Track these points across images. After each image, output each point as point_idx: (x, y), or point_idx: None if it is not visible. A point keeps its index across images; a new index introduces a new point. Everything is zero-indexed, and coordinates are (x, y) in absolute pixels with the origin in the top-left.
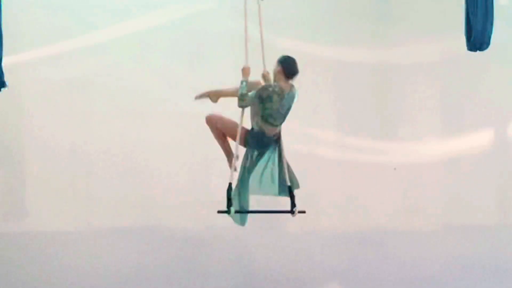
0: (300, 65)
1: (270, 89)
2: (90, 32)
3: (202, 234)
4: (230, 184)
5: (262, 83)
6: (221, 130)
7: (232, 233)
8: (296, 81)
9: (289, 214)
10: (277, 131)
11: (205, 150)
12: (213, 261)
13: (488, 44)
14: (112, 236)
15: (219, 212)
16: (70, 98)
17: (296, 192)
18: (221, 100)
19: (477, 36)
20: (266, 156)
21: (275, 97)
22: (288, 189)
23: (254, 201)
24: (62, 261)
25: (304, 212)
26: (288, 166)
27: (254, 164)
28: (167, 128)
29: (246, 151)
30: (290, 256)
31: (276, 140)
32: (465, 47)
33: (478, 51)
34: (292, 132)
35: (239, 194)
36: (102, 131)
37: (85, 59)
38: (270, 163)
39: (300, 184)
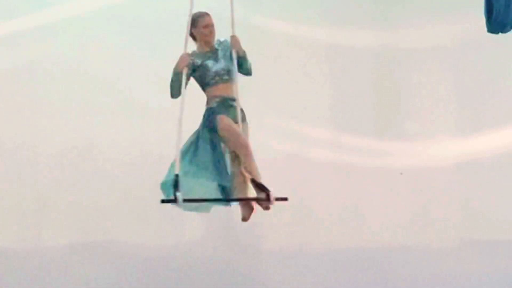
0: (288, 50)
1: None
2: (38, 10)
3: (168, 251)
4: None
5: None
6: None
7: (204, 249)
8: (283, 69)
9: (274, 226)
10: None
11: (174, 151)
12: (181, 282)
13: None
14: (65, 253)
15: (163, 201)
16: (14, 89)
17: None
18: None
19: (499, 15)
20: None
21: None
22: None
23: None
24: (6, 282)
25: (286, 199)
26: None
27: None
28: (128, 125)
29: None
30: (276, 278)
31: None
32: (485, 29)
33: (500, 34)
34: (278, 129)
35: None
36: (51, 129)
37: (32, 43)
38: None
39: (289, 192)
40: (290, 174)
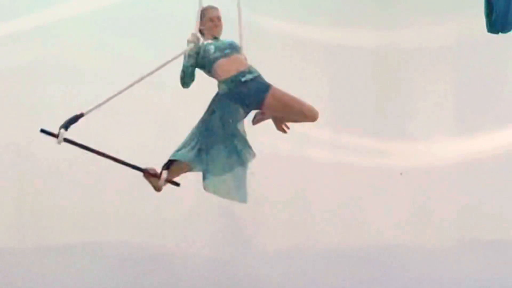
0: (288, 50)
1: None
2: (38, 10)
3: (167, 251)
4: None
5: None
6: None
7: (203, 250)
8: (283, 68)
9: (274, 226)
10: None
11: (170, 151)
12: (180, 283)
13: None
14: (65, 253)
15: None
16: (14, 89)
17: (283, 199)
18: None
19: (500, 15)
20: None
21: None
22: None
23: None
24: (6, 282)
25: (178, 184)
26: None
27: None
28: (127, 126)
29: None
30: (276, 278)
31: None
32: (485, 29)
33: (500, 34)
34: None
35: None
36: (51, 129)
37: (33, 43)
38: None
39: (289, 191)
40: (290, 174)
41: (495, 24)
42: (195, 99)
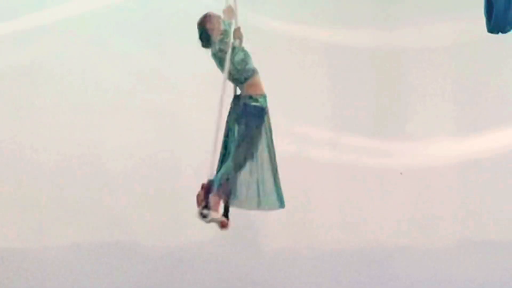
0: (288, 50)
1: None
2: (37, 10)
3: (167, 251)
4: None
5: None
6: None
7: (204, 250)
8: (283, 68)
9: (274, 226)
10: None
11: (177, 151)
12: (181, 282)
13: None
14: (68, 254)
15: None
16: (14, 89)
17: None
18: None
19: (499, 15)
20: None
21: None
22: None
23: None
24: (9, 283)
25: None
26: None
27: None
28: (132, 125)
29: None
30: (277, 278)
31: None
32: (485, 29)
33: (500, 34)
34: (278, 129)
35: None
36: (53, 130)
37: (32, 43)
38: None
39: (288, 192)
40: (290, 174)
41: (495, 24)
42: (199, 99)
